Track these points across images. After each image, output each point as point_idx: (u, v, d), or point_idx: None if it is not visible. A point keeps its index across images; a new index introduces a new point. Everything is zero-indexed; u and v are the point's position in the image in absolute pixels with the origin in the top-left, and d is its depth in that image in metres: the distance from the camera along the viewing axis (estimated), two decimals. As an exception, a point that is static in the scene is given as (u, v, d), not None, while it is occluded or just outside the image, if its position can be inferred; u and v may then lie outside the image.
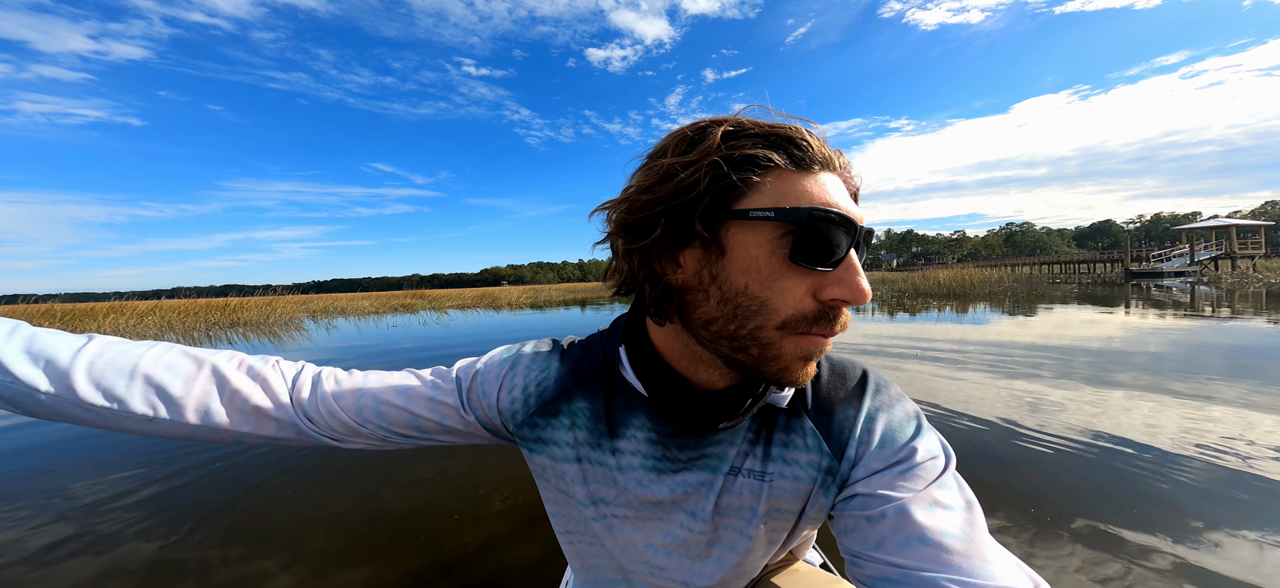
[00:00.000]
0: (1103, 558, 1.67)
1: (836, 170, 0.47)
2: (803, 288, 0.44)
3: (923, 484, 0.46)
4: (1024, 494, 2.12)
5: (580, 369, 0.61)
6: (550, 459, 0.61)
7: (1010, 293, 16.52)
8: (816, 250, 0.43)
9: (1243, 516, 1.89)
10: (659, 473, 0.56)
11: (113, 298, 23.36)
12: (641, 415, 0.57)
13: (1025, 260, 47.84)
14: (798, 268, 0.44)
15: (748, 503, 0.55)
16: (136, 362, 0.52)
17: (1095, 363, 4.67)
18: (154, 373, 0.52)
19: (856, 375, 0.56)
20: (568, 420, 0.60)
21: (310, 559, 1.80)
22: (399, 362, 6.29)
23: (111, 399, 0.50)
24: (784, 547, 0.61)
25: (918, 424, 0.51)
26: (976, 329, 7.52)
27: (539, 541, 1.89)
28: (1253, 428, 2.80)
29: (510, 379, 0.62)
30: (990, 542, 0.43)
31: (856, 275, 0.44)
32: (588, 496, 0.60)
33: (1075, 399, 3.49)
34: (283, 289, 28.62)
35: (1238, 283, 18.19)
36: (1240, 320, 7.54)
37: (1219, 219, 31.72)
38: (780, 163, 0.44)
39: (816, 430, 0.53)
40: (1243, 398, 3.39)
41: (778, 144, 0.45)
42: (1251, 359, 4.65)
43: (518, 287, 72.91)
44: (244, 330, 12.76)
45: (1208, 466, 2.33)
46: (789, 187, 0.44)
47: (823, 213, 0.43)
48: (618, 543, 0.61)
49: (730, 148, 0.45)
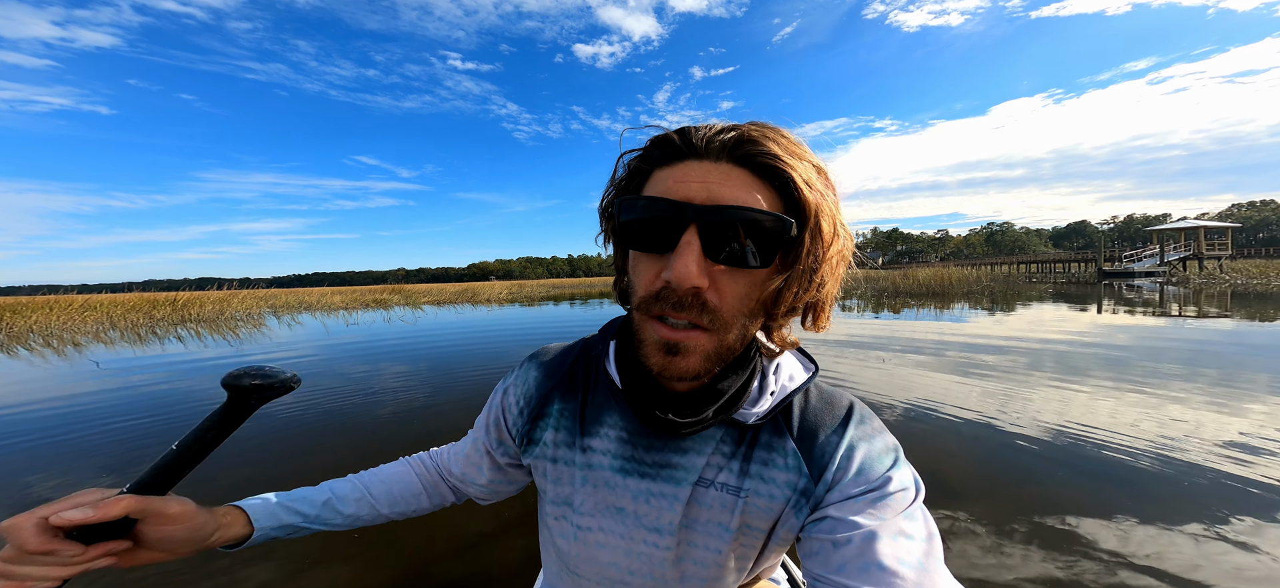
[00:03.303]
0: (1062, 547, 1.79)
1: (711, 156, 0.48)
2: (651, 271, 0.50)
3: (892, 514, 0.48)
4: (987, 484, 2.25)
5: (557, 372, 0.67)
6: (535, 459, 0.66)
7: (988, 291, 17.14)
8: (640, 237, 0.50)
9: (1193, 506, 2.05)
10: (624, 474, 0.59)
11: (79, 290, 22.09)
12: (615, 413, 0.61)
13: (1003, 260, 49.65)
14: (644, 254, 0.51)
15: (718, 518, 0.56)
16: (381, 485, 0.76)
17: (1062, 359, 4.92)
18: (392, 491, 0.76)
19: (844, 405, 0.58)
20: (551, 422, 0.65)
21: (284, 562, 1.80)
22: (354, 364, 6.19)
23: (370, 515, 0.74)
24: (753, 569, 0.62)
25: (895, 457, 0.54)
26: (953, 327, 7.81)
27: (519, 543, 1.92)
28: (1203, 425, 3.01)
29: (506, 402, 0.70)
30: (944, 573, 0.46)
31: (679, 257, 0.46)
32: (558, 497, 0.64)
33: (1041, 394, 3.68)
34: (262, 283, 27.75)
35: (1205, 283, 19.26)
36: (1204, 321, 8.02)
37: (1188, 221, 33.46)
38: (651, 166, 0.52)
39: (799, 452, 0.55)
40: (1201, 395, 3.63)
41: (650, 150, 0.52)
42: (1208, 360, 4.96)
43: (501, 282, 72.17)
44: (195, 327, 12.28)
45: (1160, 458, 2.51)
46: (652, 182, 0.51)
47: (630, 202, 0.50)
48: (584, 554, 0.62)
49: (628, 164, 0.55)
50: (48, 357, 7.56)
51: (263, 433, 3.24)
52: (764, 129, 0.49)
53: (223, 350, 7.79)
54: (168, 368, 6.18)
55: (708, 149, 0.48)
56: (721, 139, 0.48)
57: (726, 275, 0.48)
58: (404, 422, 3.53)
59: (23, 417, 3.91)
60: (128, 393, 4.76)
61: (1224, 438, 2.75)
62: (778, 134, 0.49)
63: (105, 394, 4.70)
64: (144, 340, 9.49)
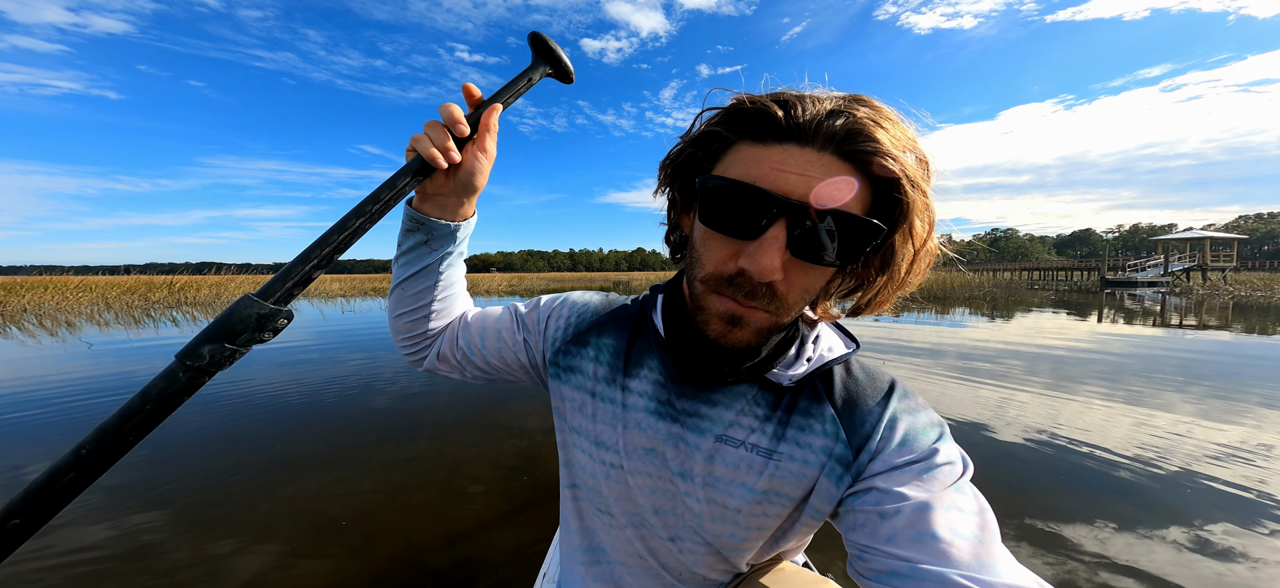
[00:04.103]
0: (1051, 549, 1.83)
1: (815, 144, 0.45)
2: (726, 252, 0.49)
3: (941, 487, 0.47)
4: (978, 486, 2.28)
5: (615, 311, 0.72)
6: (571, 389, 0.67)
7: (989, 297, 17.16)
8: (721, 218, 0.48)
9: (1177, 514, 2.08)
10: (658, 416, 0.60)
11: (79, 271, 22.10)
12: (655, 358, 0.63)
13: (1006, 266, 49.61)
14: (719, 234, 0.49)
15: (743, 477, 0.56)
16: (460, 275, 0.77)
17: (1058, 367, 4.95)
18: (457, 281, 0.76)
19: (886, 381, 0.58)
20: (593, 352, 0.67)
21: (277, 551, 1.82)
22: (349, 348, 6.21)
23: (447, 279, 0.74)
24: (775, 543, 0.62)
25: (940, 431, 0.53)
26: (952, 332, 7.83)
27: (515, 528, 1.95)
28: (1192, 435, 3.04)
29: (559, 311, 0.74)
30: (1001, 548, 0.44)
31: (763, 252, 0.45)
32: (593, 435, 0.65)
33: (1036, 400, 3.71)
34: (263, 269, 27.76)
35: (1208, 295, 19.29)
36: (1202, 333, 8.04)
37: (1194, 231, 33.45)
38: (739, 136, 0.49)
39: (837, 420, 0.55)
40: (1193, 407, 3.66)
41: (740, 119, 0.48)
42: (1203, 372, 4.99)
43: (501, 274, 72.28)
44: (191, 310, 12.30)
45: (1147, 466, 2.54)
46: (740, 158, 0.48)
47: (719, 183, 0.47)
48: (613, 492, 0.64)
49: (707, 125, 0.53)
50: (40, 338, 7.58)
51: (247, 414, 3.26)
52: (875, 113, 0.45)
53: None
54: (161, 350, 6.20)
55: (814, 134, 0.45)
56: (830, 126, 0.44)
57: (801, 268, 0.48)
58: (395, 410, 3.56)
59: (13, 397, 3.93)
60: (117, 374, 4.79)
61: (1211, 449, 2.78)
62: (889, 122, 0.46)
63: (95, 377, 4.73)
64: (139, 323, 9.51)
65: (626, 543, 0.65)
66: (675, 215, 0.63)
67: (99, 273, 24.07)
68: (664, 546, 0.63)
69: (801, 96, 0.46)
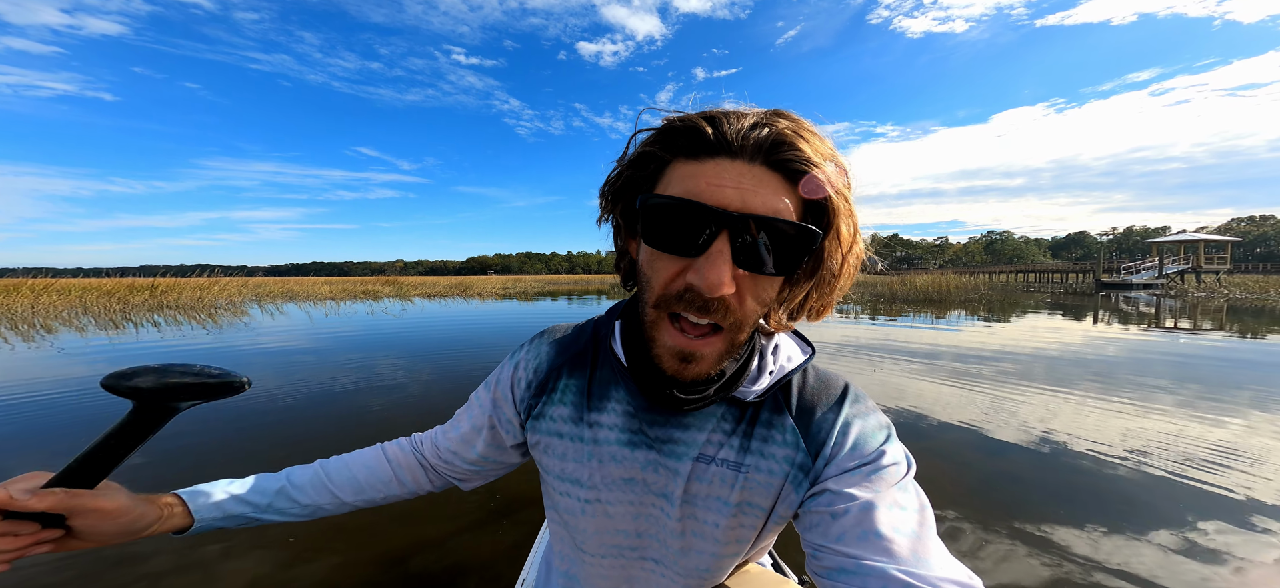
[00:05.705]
0: (1042, 550, 1.85)
1: (744, 156, 0.47)
2: (672, 270, 0.50)
3: (886, 486, 0.51)
4: (971, 488, 2.30)
5: (568, 349, 0.70)
6: (542, 435, 0.68)
7: (985, 300, 17.33)
8: (665, 236, 0.49)
9: (1166, 515, 2.11)
10: (632, 446, 0.61)
11: (74, 273, 21.74)
12: (621, 389, 0.63)
13: (1002, 268, 50.14)
14: (665, 253, 0.50)
15: (719, 492, 0.59)
16: (343, 471, 0.74)
17: (1052, 369, 5.02)
18: (357, 477, 0.74)
19: (839, 385, 0.61)
20: (558, 397, 0.67)
21: (272, 555, 1.82)
22: (337, 355, 6.17)
23: (331, 504, 0.73)
24: (750, 549, 0.64)
25: (888, 434, 0.57)
26: (948, 335, 7.91)
27: (500, 535, 1.95)
28: (1183, 436, 3.09)
29: (515, 376, 0.71)
30: (936, 542, 0.48)
31: (710, 266, 0.46)
32: (565, 473, 0.65)
33: (1030, 402, 3.76)
34: (259, 271, 27.47)
35: (1202, 297, 19.59)
36: (1196, 335, 8.17)
37: (1187, 233, 33.96)
38: (673, 154, 0.50)
39: (797, 429, 0.58)
40: (1183, 408, 3.72)
41: (672, 137, 0.50)
42: (1195, 374, 5.08)
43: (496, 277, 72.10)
44: (173, 313, 12.14)
45: (1139, 466, 2.59)
46: (677, 175, 0.49)
47: (659, 201, 0.48)
48: (592, 526, 0.65)
49: (641, 146, 0.54)
50: (13, 342, 7.46)
51: (239, 425, 3.24)
52: (795, 126, 0.48)
53: (198, 338, 7.73)
54: (135, 355, 6.12)
55: (742, 148, 0.47)
56: (756, 137, 0.47)
57: (749, 280, 0.50)
58: (379, 418, 3.55)
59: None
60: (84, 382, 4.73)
61: (1202, 450, 2.83)
62: (808, 132, 0.48)
63: (60, 383, 4.66)
64: (119, 327, 9.39)
65: (602, 575, 0.67)
66: (622, 242, 0.62)
67: (95, 275, 23.74)
68: (643, 571, 0.65)
69: (727, 112, 0.49)
